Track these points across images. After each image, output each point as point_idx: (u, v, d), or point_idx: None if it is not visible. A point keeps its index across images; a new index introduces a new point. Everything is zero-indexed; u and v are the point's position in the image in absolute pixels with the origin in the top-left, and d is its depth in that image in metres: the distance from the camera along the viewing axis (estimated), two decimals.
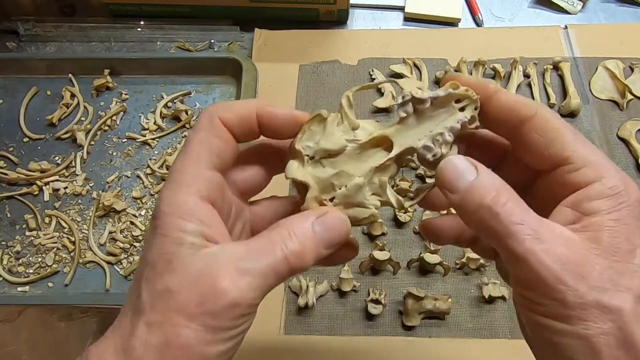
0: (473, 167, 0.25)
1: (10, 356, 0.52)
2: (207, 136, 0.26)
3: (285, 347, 0.50)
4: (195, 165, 0.25)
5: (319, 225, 0.26)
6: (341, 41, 0.69)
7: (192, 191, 0.24)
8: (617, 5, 0.72)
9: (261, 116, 0.27)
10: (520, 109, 0.26)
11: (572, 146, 0.25)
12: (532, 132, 0.26)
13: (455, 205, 0.25)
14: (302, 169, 0.28)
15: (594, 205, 0.24)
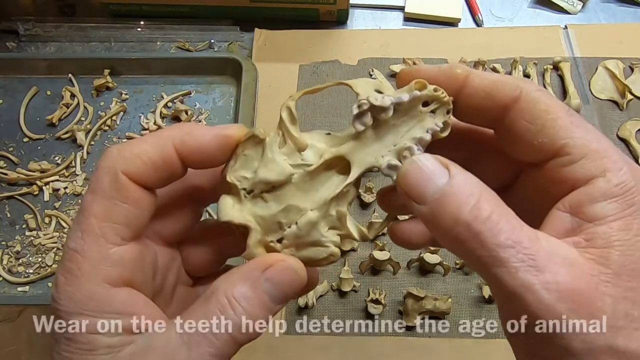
0: (444, 169, 0.20)
1: (10, 356, 0.52)
2: (110, 204, 0.20)
3: (285, 347, 0.50)
4: (97, 245, 0.20)
5: (267, 283, 0.21)
6: (341, 41, 0.69)
7: (97, 279, 0.19)
8: (617, 5, 0.72)
9: (181, 151, 0.21)
10: (500, 91, 0.21)
11: (567, 132, 0.20)
12: (518, 118, 0.21)
13: (425, 219, 0.20)
14: (238, 206, 0.23)
15: (597, 210, 0.19)
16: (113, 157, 0.21)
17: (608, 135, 0.61)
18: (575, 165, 0.20)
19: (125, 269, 0.20)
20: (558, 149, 0.20)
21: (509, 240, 0.18)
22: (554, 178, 0.20)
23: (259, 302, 0.20)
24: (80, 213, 0.21)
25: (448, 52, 0.67)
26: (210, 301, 0.20)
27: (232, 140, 0.22)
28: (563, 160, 0.20)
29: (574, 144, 0.20)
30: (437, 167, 0.20)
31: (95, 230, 0.20)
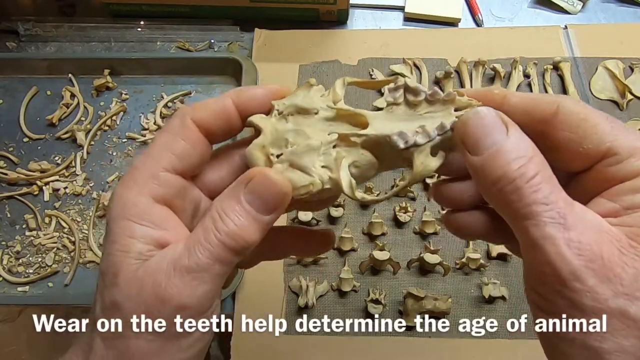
0: (503, 126, 0.21)
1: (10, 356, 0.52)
2: (173, 138, 0.24)
3: (285, 347, 0.50)
4: (152, 165, 0.24)
5: (248, 195, 0.23)
6: (341, 41, 0.69)
7: (144, 192, 0.23)
8: (617, 5, 0.72)
9: (240, 104, 0.25)
10: (537, 106, 0.22)
11: (610, 135, 0.21)
12: (559, 130, 0.22)
13: (475, 169, 0.21)
14: (265, 119, 0.26)
15: (638, 199, 0.20)
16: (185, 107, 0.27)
17: None
18: (623, 164, 0.21)
19: (168, 191, 0.24)
20: (605, 151, 0.21)
21: (545, 199, 0.19)
22: (603, 178, 0.21)
23: (245, 213, 0.23)
24: (149, 145, 0.25)
25: (448, 52, 0.67)
26: (206, 216, 0.23)
27: (279, 92, 0.26)
28: (610, 161, 0.21)
29: (620, 145, 0.21)
30: (497, 122, 0.21)
31: (154, 155, 0.24)
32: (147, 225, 0.23)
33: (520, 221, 0.20)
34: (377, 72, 0.65)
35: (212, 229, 0.22)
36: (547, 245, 0.19)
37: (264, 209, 0.23)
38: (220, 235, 0.22)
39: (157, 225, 0.23)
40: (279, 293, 0.53)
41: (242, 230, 0.23)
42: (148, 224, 0.23)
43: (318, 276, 0.54)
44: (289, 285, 0.53)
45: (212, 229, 0.22)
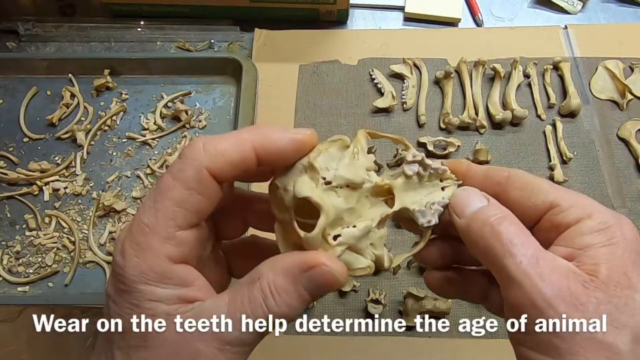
0: (485, 198, 0.26)
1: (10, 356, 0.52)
2: (188, 194, 0.23)
3: (285, 347, 0.50)
4: (167, 225, 0.22)
5: (307, 282, 0.23)
6: (341, 41, 0.69)
7: (162, 255, 0.22)
8: (617, 5, 0.72)
9: (260, 153, 0.24)
10: (494, 172, 0.27)
11: (554, 192, 0.25)
12: (512, 189, 0.26)
13: (461, 228, 0.25)
14: (314, 188, 0.24)
15: (587, 240, 0.23)
16: (199, 151, 0.23)
17: (608, 135, 0.61)
18: (566, 212, 0.25)
19: (185, 249, 0.23)
20: (549, 204, 0.25)
21: (520, 242, 0.23)
22: (551, 226, 0.25)
23: (297, 296, 0.23)
24: (157, 192, 0.23)
25: (448, 52, 0.67)
26: (255, 287, 0.23)
27: (307, 145, 0.25)
28: (555, 211, 0.25)
29: (561, 198, 0.25)
30: (479, 196, 0.26)
31: (168, 213, 0.22)
32: (169, 287, 0.22)
33: (498, 260, 0.23)
34: (377, 72, 0.65)
35: (262, 305, 0.22)
36: (524, 279, 0.22)
37: (316, 296, 0.24)
38: (268, 312, 0.23)
39: (180, 285, 0.23)
40: None
41: (291, 312, 0.23)
42: (170, 286, 0.22)
43: None
44: None
45: (262, 305, 0.22)
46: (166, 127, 0.63)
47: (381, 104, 0.63)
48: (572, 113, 0.62)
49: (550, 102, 0.63)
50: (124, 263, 0.22)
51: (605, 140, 0.61)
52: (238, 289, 0.23)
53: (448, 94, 0.63)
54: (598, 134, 0.61)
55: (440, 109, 0.63)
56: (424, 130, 0.62)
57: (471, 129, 0.62)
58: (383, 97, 0.63)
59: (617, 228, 0.24)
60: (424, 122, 0.62)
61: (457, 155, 0.60)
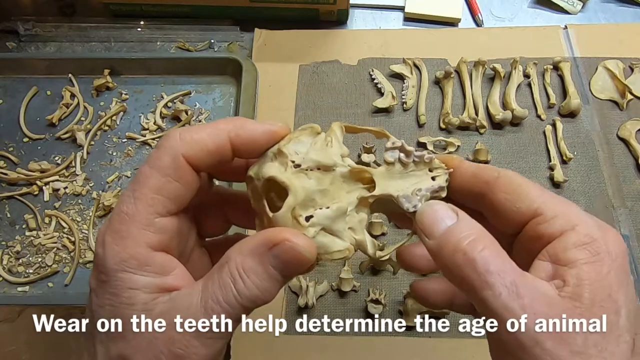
0: (453, 213, 0.24)
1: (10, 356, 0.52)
2: (166, 181, 0.23)
3: (285, 347, 0.50)
4: (146, 212, 0.23)
5: (273, 259, 0.23)
6: (341, 41, 0.69)
7: (141, 242, 0.22)
8: (617, 5, 0.72)
9: (234, 142, 0.24)
10: (484, 171, 0.26)
11: (539, 198, 0.24)
12: (498, 192, 0.25)
13: (432, 251, 0.24)
14: (284, 172, 0.25)
15: (570, 255, 0.22)
16: (175, 139, 0.23)
17: (608, 135, 0.61)
18: (549, 223, 0.23)
19: (165, 237, 0.23)
20: (533, 211, 0.24)
21: (497, 270, 0.21)
22: (534, 236, 0.24)
23: (267, 276, 0.23)
24: (135, 181, 0.23)
25: (448, 52, 0.67)
26: (224, 271, 0.23)
27: (278, 135, 0.25)
28: (538, 220, 0.24)
29: (546, 207, 0.24)
30: (447, 211, 0.24)
31: (147, 200, 0.23)
32: (149, 275, 0.22)
33: (477, 293, 0.21)
34: (377, 72, 0.65)
35: (232, 290, 0.22)
36: (505, 314, 0.21)
37: (287, 274, 0.23)
38: (240, 298, 0.22)
39: (159, 273, 0.23)
40: (279, 293, 0.53)
41: (263, 294, 0.23)
42: (149, 274, 0.22)
43: (318, 276, 0.54)
44: (289, 285, 0.53)
45: (232, 290, 0.22)
46: (166, 127, 0.63)
47: (381, 104, 0.63)
48: (572, 113, 0.62)
49: (550, 102, 0.63)
50: (103, 253, 0.22)
51: (605, 140, 0.61)
52: (210, 275, 0.23)
53: (448, 94, 0.63)
54: (598, 134, 0.61)
55: (440, 109, 0.63)
56: (424, 130, 0.62)
57: (471, 129, 0.62)
58: (383, 97, 0.63)
59: (602, 242, 0.22)
60: (424, 122, 0.62)
61: (457, 155, 0.60)
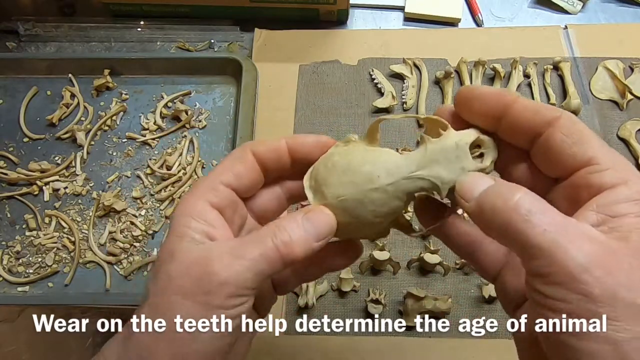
0: (490, 179, 0.25)
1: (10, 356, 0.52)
2: (233, 162, 0.29)
3: (285, 347, 0.50)
4: (214, 179, 0.28)
5: (306, 221, 0.27)
6: (341, 41, 0.69)
7: (203, 197, 0.28)
8: (617, 5, 0.72)
9: (290, 145, 0.30)
10: (545, 110, 0.25)
11: (597, 148, 0.24)
12: (557, 132, 0.24)
13: (472, 213, 0.25)
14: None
15: (621, 208, 0.22)
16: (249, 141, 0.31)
17: (608, 135, 0.61)
18: (603, 174, 0.23)
19: (221, 200, 0.28)
20: (588, 159, 0.24)
21: (539, 210, 0.22)
22: (583, 184, 0.24)
23: (300, 231, 0.26)
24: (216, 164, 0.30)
25: (448, 52, 0.67)
26: (264, 228, 0.27)
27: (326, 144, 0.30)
28: (592, 169, 0.24)
29: (602, 157, 0.24)
30: (484, 178, 0.25)
31: (217, 171, 0.29)
32: (201, 222, 0.27)
33: (521, 234, 0.22)
34: (377, 72, 0.65)
35: (271, 234, 0.26)
36: (553, 247, 0.21)
37: (315, 235, 0.27)
38: (276, 240, 0.26)
39: (209, 224, 0.27)
40: None
41: (294, 243, 0.26)
42: (202, 221, 0.27)
43: None
44: None
45: (271, 234, 0.26)
46: (166, 127, 0.63)
47: (381, 104, 0.63)
48: (572, 113, 0.62)
49: (550, 102, 0.63)
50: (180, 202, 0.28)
51: (605, 140, 0.60)
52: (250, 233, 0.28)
53: (448, 94, 0.63)
54: (598, 134, 0.61)
55: None
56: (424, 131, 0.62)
57: None
58: (383, 97, 0.63)
59: None
60: None
61: None
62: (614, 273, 0.20)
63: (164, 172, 0.60)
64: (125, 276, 0.55)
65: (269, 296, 0.33)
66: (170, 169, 0.60)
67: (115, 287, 0.55)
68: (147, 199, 0.59)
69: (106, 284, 0.55)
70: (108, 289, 0.54)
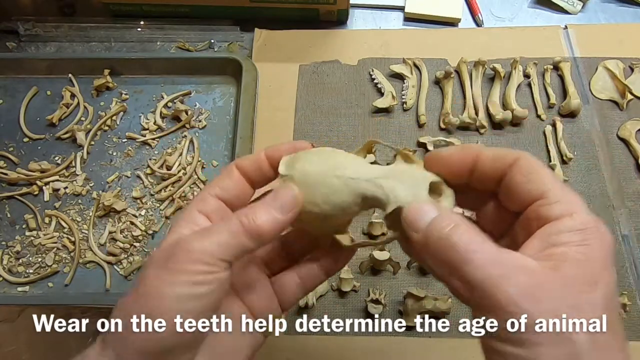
0: (435, 208, 0.27)
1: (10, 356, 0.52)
2: (222, 177, 0.32)
3: (285, 347, 0.50)
4: (203, 192, 0.32)
5: (270, 196, 0.30)
6: (341, 41, 0.69)
7: (194, 207, 0.31)
8: (617, 5, 0.72)
9: (269, 154, 0.32)
10: (506, 156, 0.28)
11: (548, 184, 0.26)
12: (517, 172, 0.27)
13: (419, 244, 0.27)
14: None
15: (562, 238, 0.24)
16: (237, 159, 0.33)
17: (608, 135, 0.61)
18: (551, 206, 0.26)
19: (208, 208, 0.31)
20: (540, 194, 0.26)
21: (477, 248, 0.24)
22: (534, 217, 0.26)
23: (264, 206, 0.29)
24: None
25: (448, 52, 0.67)
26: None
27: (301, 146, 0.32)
28: (542, 202, 0.26)
29: (553, 192, 0.26)
30: (429, 207, 0.27)
31: (207, 187, 0.32)
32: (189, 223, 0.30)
33: (459, 269, 0.24)
34: (377, 72, 0.65)
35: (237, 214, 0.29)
36: (486, 282, 0.23)
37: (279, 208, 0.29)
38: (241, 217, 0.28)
39: (195, 224, 0.30)
40: None
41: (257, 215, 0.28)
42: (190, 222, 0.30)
43: None
44: None
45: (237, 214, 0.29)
46: (166, 127, 0.63)
47: (381, 104, 0.63)
48: (572, 113, 0.62)
49: (550, 102, 0.63)
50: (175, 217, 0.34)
51: (605, 140, 0.61)
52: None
53: (448, 94, 0.63)
54: (598, 134, 0.61)
55: (440, 109, 0.63)
56: (424, 130, 0.62)
57: (471, 129, 0.62)
58: (383, 97, 0.63)
59: (595, 231, 0.24)
60: (424, 122, 0.62)
61: None
62: (541, 301, 0.22)
63: (164, 172, 0.60)
64: (125, 276, 0.55)
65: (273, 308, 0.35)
66: (170, 169, 0.60)
67: (115, 287, 0.55)
68: (147, 199, 0.59)
69: (106, 284, 0.55)
70: (108, 289, 0.54)
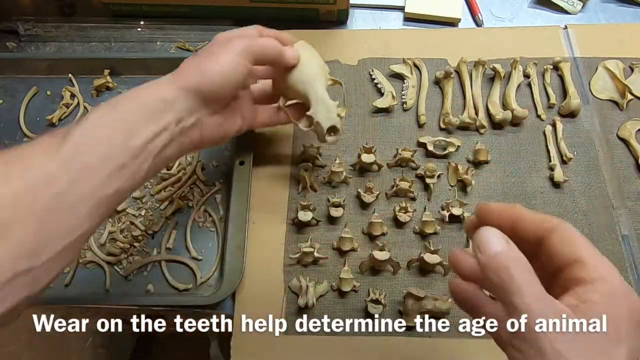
0: (504, 240, 0.30)
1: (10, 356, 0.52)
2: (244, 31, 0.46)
3: (285, 347, 0.50)
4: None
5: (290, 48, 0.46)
6: (341, 41, 0.69)
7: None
8: (617, 5, 0.72)
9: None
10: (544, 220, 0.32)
11: (582, 250, 0.30)
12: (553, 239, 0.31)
13: (481, 263, 0.30)
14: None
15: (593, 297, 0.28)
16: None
17: (608, 135, 0.61)
18: (587, 270, 0.30)
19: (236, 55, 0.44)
20: (575, 258, 0.30)
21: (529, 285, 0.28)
22: (570, 277, 0.30)
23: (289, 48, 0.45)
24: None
25: (448, 52, 0.67)
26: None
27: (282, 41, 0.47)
28: (576, 266, 0.30)
29: (587, 257, 0.30)
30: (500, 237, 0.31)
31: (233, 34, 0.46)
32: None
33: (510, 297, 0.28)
34: (377, 72, 0.65)
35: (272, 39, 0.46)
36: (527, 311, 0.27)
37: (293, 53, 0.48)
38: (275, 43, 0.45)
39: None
40: (279, 293, 0.53)
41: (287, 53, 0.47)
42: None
43: (318, 276, 0.54)
44: (289, 286, 0.53)
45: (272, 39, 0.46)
46: None
47: (381, 104, 0.63)
48: (572, 113, 0.62)
49: (550, 102, 0.63)
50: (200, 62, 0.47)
51: (605, 140, 0.61)
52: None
53: (448, 94, 0.63)
54: (598, 134, 0.61)
55: (440, 109, 0.63)
56: (424, 130, 0.62)
57: (471, 129, 0.62)
58: (383, 97, 0.63)
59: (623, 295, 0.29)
60: (424, 122, 0.62)
61: (457, 155, 0.60)
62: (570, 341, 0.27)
63: (164, 172, 0.60)
64: (125, 276, 0.55)
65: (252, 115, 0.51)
66: (170, 169, 0.60)
67: (115, 287, 0.55)
68: (147, 199, 0.59)
69: (106, 284, 0.55)
70: (108, 289, 0.54)
